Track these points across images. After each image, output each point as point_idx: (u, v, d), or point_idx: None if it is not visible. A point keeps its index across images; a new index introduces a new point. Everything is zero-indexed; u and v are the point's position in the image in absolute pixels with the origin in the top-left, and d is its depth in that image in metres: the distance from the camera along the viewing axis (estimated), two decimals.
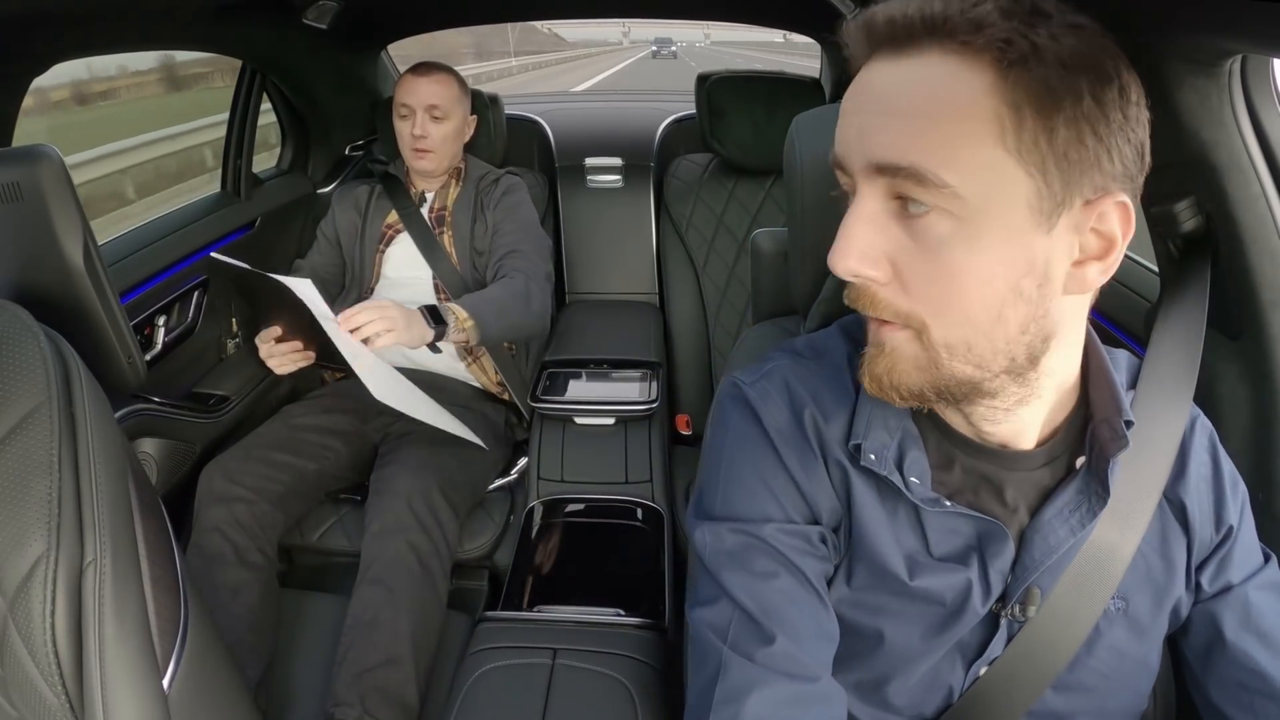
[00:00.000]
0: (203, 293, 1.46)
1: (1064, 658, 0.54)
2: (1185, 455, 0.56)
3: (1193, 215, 0.70)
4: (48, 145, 0.78)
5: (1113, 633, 0.55)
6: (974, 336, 0.45)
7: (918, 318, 0.45)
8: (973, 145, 0.40)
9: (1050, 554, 0.52)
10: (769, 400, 0.57)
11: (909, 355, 0.47)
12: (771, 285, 0.87)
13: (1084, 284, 0.45)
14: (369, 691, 1.01)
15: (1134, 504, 0.54)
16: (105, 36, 1.15)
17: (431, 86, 1.44)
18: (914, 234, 0.43)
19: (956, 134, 0.41)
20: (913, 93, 0.42)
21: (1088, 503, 0.52)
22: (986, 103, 0.40)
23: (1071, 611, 0.54)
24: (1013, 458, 0.53)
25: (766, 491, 0.55)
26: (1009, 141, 0.40)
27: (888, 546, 0.54)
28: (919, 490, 0.52)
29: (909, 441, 0.54)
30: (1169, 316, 0.62)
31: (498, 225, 1.47)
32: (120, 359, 0.86)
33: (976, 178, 0.41)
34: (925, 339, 0.45)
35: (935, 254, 0.43)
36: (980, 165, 0.41)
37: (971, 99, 0.40)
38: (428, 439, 1.25)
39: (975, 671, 0.56)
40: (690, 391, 1.72)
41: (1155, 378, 0.57)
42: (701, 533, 0.56)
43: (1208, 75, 0.61)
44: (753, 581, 0.53)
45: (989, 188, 0.41)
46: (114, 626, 0.49)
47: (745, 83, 1.67)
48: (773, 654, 0.51)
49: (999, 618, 0.54)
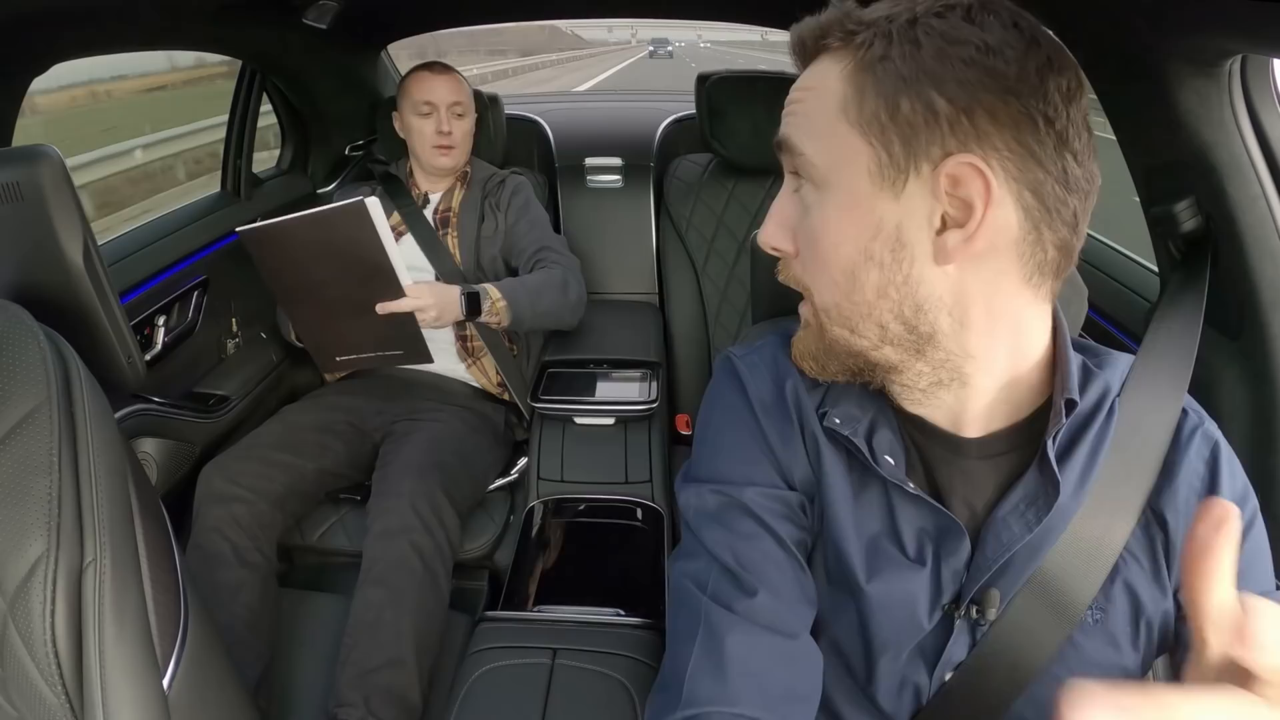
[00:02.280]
0: (203, 293, 1.46)
1: (1034, 666, 0.52)
2: (1175, 464, 0.52)
3: (1193, 215, 0.70)
4: (48, 145, 0.78)
5: (1089, 645, 0.52)
6: (840, 299, 0.49)
7: (806, 285, 0.51)
8: (821, 120, 0.47)
9: (1004, 551, 0.50)
10: (756, 372, 0.59)
11: (810, 325, 0.52)
12: (771, 285, 0.86)
13: (945, 253, 0.45)
14: (373, 692, 1.01)
15: (1115, 504, 0.51)
16: (105, 36, 1.15)
17: (451, 84, 1.46)
18: (799, 206, 0.50)
19: (812, 110, 0.48)
20: (798, 85, 0.50)
21: (1043, 496, 0.50)
22: (836, 85, 0.46)
23: (1042, 618, 0.51)
24: (961, 444, 0.52)
25: (749, 457, 0.56)
26: (850, 115, 0.46)
27: (847, 530, 0.53)
28: (890, 469, 0.52)
29: (881, 421, 0.54)
30: (1167, 315, 0.61)
31: (512, 225, 1.49)
32: (120, 359, 0.86)
33: (826, 147, 0.47)
34: (813, 306, 0.51)
35: (805, 220, 0.49)
36: (828, 136, 0.47)
37: (826, 84, 0.47)
38: (429, 438, 1.25)
39: (940, 675, 0.54)
40: (690, 391, 1.72)
41: (1146, 374, 0.55)
42: (686, 494, 0.57)
43: (1208, 75, 0.62)
44: (734, 540, 0.53)
45: (835, 156, 0.47)
46: (114, 626, 0.49)
47: (745, 83, 1.67)
48: (754, 606, 0.51)
49: (952, 619, 0.52)
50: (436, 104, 1.44)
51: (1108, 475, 0.51)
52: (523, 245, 1.48)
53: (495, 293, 1.29)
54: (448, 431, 1.29)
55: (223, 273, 1.51)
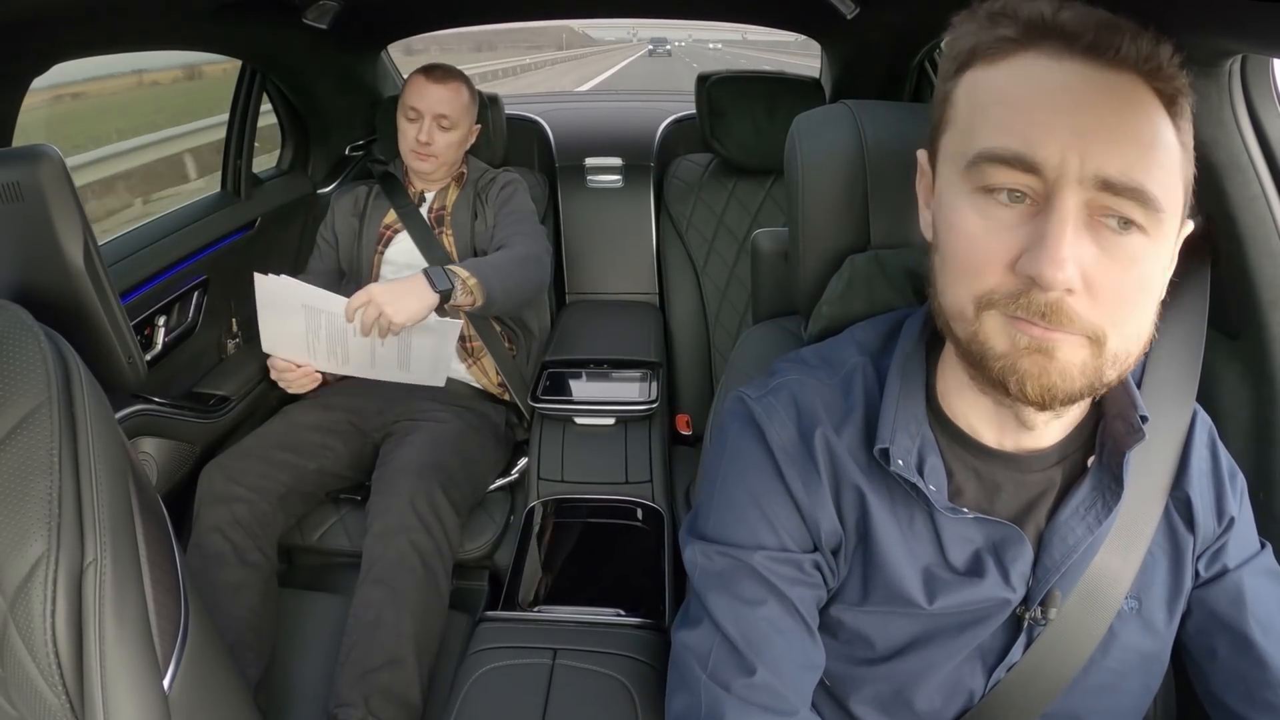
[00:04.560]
0: (203, 293, 1.46)
1: (1080, 659, 0.54)
2: (1188, 452, 0.56)
3: (1193, 215, 0.71)
4: (48, 145, 0.78)
5: (1127, 632, 0.55)
6: (1137, 347, 0.46)
7: (1101, 329, 0.44)
8: (1174, 174, 0.44)
9: (1070, 554, 0.53)
10: (775, 416, 0.56)
11: (1079, 363, 0.45)
12: (771, 285, 0.87)
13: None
14: (373, 692, 1.01)
15: (1143, 502, 0.54)
16: (105, 36, 1.15)
17: (443, 94, 1.42)
18: (1107, 246, 0.43)
19: (1168, 163, 0.43)
20: (1136, 116, 0.43)
21: (1102, 499, 0.52)
22: (1170, 135, 0.44)
23: (1087, 613, 0.54)
24: (1026, 460, 0.53)
25: (761, 516, 0.54)
26: (1178, 159, 0.44)
27: (903, 567, 0.53)
28: (938, 498, 0.52)
29: (927, 448, 0.53)
30: (1170, 316, 0.62)
31: (495, 219, 1.48)
32: (120, 359, 0.86)
33: (1172, 202, 0.44)
34: (1101, 349, 0.45)
35: (1128, 268, 0.44)
36: (1175, 191, 0.44)
37: (1165, 130, 0.43)
38: (429, 438, 1.25)
39: (996, 676, 0.56)
40: (690, 391, 1.72)
41: (1158, 377, 0.57)
42: (692, 551, 0.56)
43: (1208, 75, 0.61)
44: (738, 607, 0.53)
45: (1175, 210, 0.45)
46: (114, 626, 0.49)
47: (745, 83, 1.67)
48: (752, 685, 0.51)
49: (1022, 621, 0.54)
50: (423, 112, 1.41)
51: (1139, 468, 0.53)
52: (496, 235, 1.45)
53: (463, 271, 1.22)
54: (448, 431, 1.29)
55: (223, 273, 1.51)
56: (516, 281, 1.32)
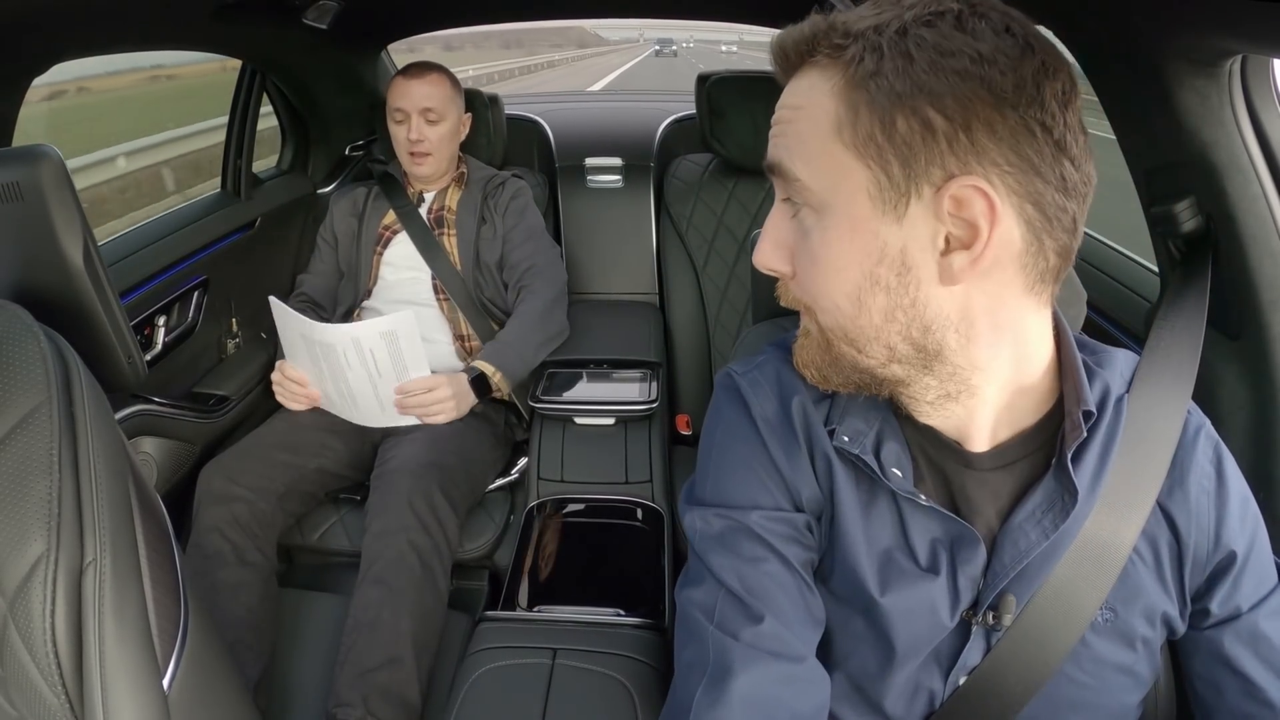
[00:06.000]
0: (203, 293, 1.46)
1: (1048, 668, 0.53)
2: (1184, 464, 0.53)
3: (1193, 215, 0.70)
4: (47, 145, 0.78)
5: (1101, 645, 0.53)
6: (845, 322, 0.48)
7: (808, 306, 0.50)
8: (815, 142, 0.45)
9: (1021, 559, 0.51)
10: (759, 390, 0.58)
11: (814, 339, 0.52)
12: (771, 285, 0.86)
13: (951, 275, 0.45)
14: (371, 692, 1.01)
15: (1126, 505, 0.52)
16: (105, 36, 1.15)
17: (424, 88, 1.42)
18: (797, 229, 0.49)
19: (804, 131, 0.46)
20: (785, 103, 0.48)
21: (1061, 503, 0.50)
22: (827, 103, 0.45)
23: (1055, 621, 0.52)
24: (977, 456, 0.52)
25: (754, 479, 0.56)
26: (845, 136, 0.44)
27: (859, 545, 0.53)
28: (899, 482, 0.52)
29: (888, 432, 0.53)
30: (1169, 316, 0.61)
31: (508, 234, 1.48)
32: (120, 359, 0.86)
33: (821, 171, 0.46)
34: (818, 324, 0.50)
35: (805, 245, 0.48)
36: (823, 158, 0.45)
37: (816, 101, 0.45)
38: (428, 438, 1.25)
39: (955, 680, 0.55)
40: (690, 391, 1.72)
41: (1152, 375, 0.56)
42: (691, 517, 0.57)
43: (1208, 75, 0.62)
44: (739, 564, 0.53)
45: (832, 180, 0.45)
46: (114, 626, 0.49)
47: (745, 83, 1.67)
48: (760, 633, 0.51)
49: (970, 625, 0.53)
50: (408, 111, 1.41)
51: (1118, 476, 0.52)
52: (514, 260, 1.47)
53: (488, 368, 1.34)
54: (447, 431, 1.29)
55: (223, 273, 1.51)
56: (538, 344, 1.42)
